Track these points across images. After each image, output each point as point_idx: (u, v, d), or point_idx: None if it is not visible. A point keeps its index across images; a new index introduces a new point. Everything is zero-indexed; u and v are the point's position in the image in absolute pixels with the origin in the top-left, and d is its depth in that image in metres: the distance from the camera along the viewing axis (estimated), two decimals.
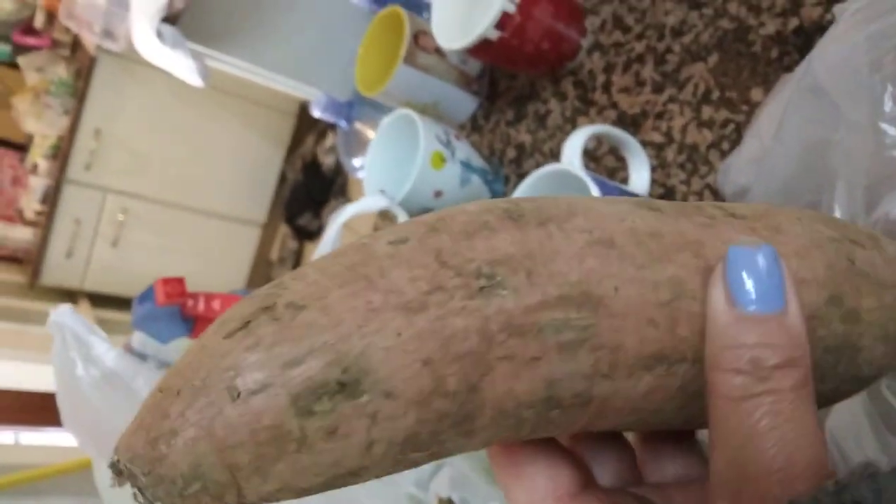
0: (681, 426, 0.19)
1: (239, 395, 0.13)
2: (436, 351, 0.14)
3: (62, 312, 0.29)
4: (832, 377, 0.19)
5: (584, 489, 0.19)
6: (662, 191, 0.48)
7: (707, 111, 0.46)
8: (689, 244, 0.17)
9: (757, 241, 0.17)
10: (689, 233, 0.18)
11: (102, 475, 0.62)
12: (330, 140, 2.17)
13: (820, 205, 0.30)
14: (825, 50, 0.27)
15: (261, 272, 2.51)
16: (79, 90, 1.97)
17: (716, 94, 0.46)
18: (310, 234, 2.32)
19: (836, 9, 0.30)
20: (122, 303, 2.20)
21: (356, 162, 0.86)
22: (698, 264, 0.17)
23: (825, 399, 0.20)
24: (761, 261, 0.16)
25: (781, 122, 0.32)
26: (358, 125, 0.85)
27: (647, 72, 0.51)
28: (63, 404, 0.30)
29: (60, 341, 0.30)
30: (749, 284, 0.16)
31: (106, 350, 0.30)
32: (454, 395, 0.15)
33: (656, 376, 0.17)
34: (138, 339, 0.48)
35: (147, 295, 0.40)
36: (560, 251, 0.16)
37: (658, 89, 0.50)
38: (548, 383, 0.16)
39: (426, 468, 0.45)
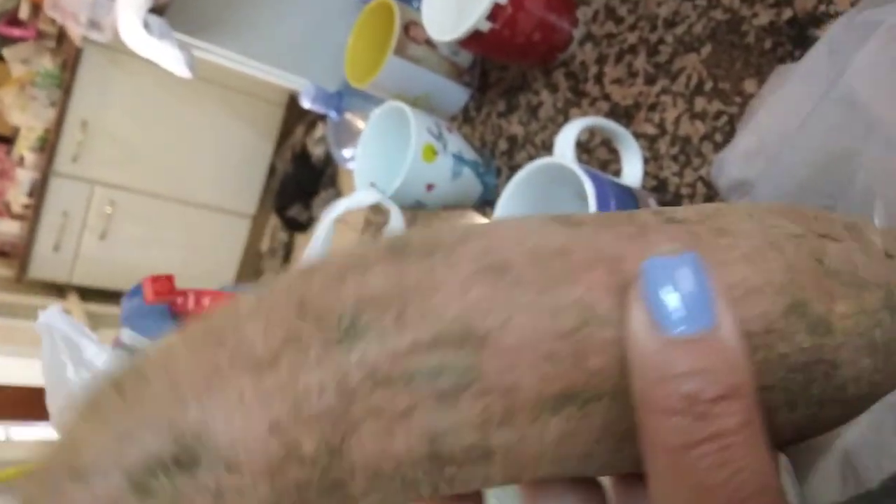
0: (633, 468, 0.16)
1: (79, 475, 0.13)
2: (285, 412, 0.13)
3: (51, 314, 0.29)
4: (805, 402, 0.16)
5: None
6: (655, 183, 0.48)
7: (700, 103, 0.46)
8: (603, 260, 0.15)
9: (675, 249, 0.14)
10: (608, 247, 0.15)
11: None
12: (319, 131, 2.16)
13: (834, 210, 0.30)
14: (865, 64, 0.27)
15: (251, 264, 2.50)
16: (65, 81, 1.95)
17: (709, 86, 0.46)
18: (300, 226, 2.32)
19: (859, 18, 0.30)
20: (111, 296, 2.19)
21: (346, 153, 0.86)
22: (612, 282, 0.14)
23: (800, 430, 0.17)
24: (682, 272, 0.13)
25: (801, 127, 0.31)
26: (348, 115, 0.85)
27: (640, 63, 0.50)
28: (53, 406, 0.30)
29: (50, 343, 0.29)
30: (670, 302, 0.13)
31: (97, 353, 0.29)
32: (313, 462, 0.13)
33: (567, 419, 0.14)
34: (128, 333, 0.47)
35: (136, 292, 0.40)
36: (441, 284, 0.14)
37: (651, 81, 0.50)
38: (429, 438, 0.14)
39: None
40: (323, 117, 2.06)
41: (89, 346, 0.29)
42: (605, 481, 0.18)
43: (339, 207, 0.45)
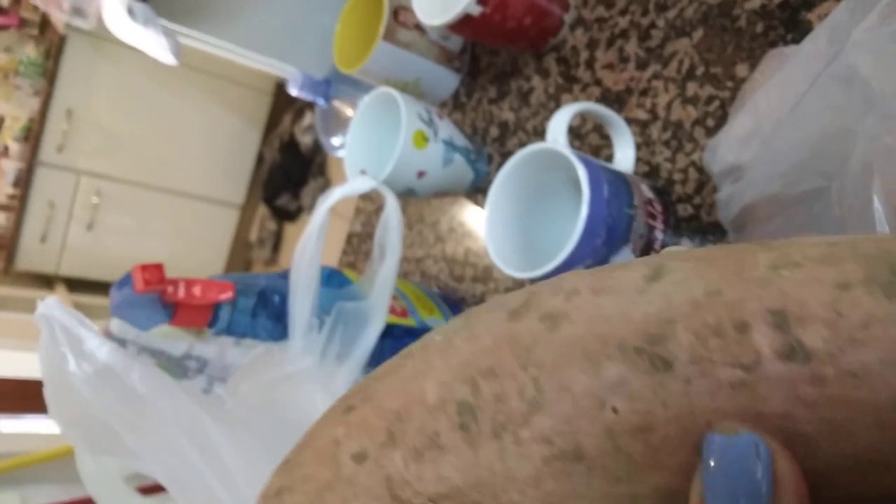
0: None
1: None
2: None
3: (50, 305, 0.28)
4: None
5: None
6: (647, 168, 0.48)
7: (692, 87, 0.46)
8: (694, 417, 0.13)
9: (733, 427, 0.13)
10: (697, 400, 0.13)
11: (85, 463, 0.61)
12: (308, 119, 2.14)
13: (828, 190, 0.29)
14: (864, 39, 0.27)
15: (239, 254, 2.49)
16: (49, 70, 1.93)
17: (700, 70, 0.45)
18: (289, 215, 2.31)
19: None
20: (98, 287, 2.17)
21: (335, 141, 0.85)
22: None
23: None
24: (735, 453, 0.12)
25: (797, 107, 0.31)
26: (336, 103, 0.84)
27: (632, 48, 0.50)
28: (51, 399, 0.30)
29: (49, 335, 0.29)
30: (721, 483, 0.12)
31: (99, 345, 0.29)
32: None
33: None
34: (117, 324, 0.47)
35: (125, 281, 0.39)
36: (515, 475, 0.14)
37: (642, 65, 0.49)
38: None
39: None
40: (311, 105, 2.05)
41: (90, 338, 0.29)
42: None
43: (335, 195, 0.45)
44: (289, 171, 2.21)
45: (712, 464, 0.12)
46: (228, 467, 0.31)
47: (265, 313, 0.47)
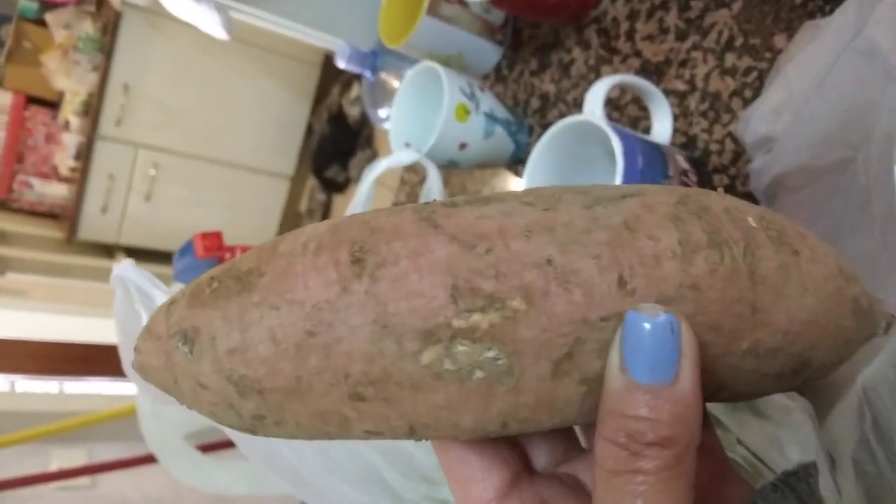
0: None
1: None
2: None
3: (125, 266, 0.31)
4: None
5: (511, 488, 0.19)
6: (685, 139, 0.48)
7: (730, 58, 0.46)
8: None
9: (656, 308, 0.16)
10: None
11: (147, 422, 0.65)
12: (355, 91, 2.16)
13: (854, 161, 0.30)
14: (885, 15, 0.27)
15: (290, 224, 2.54)
16: (106, 46, 1.99)
17: (739, 41, 0.46)
18: (337, 186, 2.34)
19: None
20: (157, 256, 2.26)
21: (381, 112, 0.87)
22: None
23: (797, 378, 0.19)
24: (655, 330, 0.16)
25: (825, 79, 0.32)
26: (383, 75, 0.86)
27: (671, 19, 0.51)
28: (126, 354, 0.32)
29: (123, 294, 0.31)
30: (640, 355, 0.16)
31: None
32: None
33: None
34: (176, 290, 0.50)
35: (187, 249, 0.42)
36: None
37: (682, 37, 0.50)
38: None
39: None
40: (358, 77, 2.07)
41: (161, 297, 0.31)
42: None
43: (380, 167, 0.47)
44: (337, 142, 2.24)
45: (634, 337, 0.16)
46: None
47: None
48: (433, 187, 0.49)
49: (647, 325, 0.16)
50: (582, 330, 0.16)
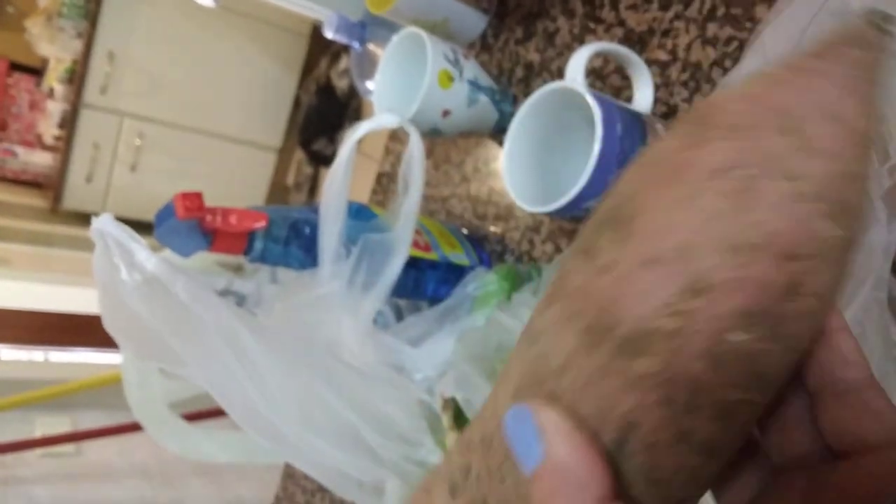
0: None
1: None
2: None
3: (104, 220, 0.32)
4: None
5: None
6: (665, 109, 0.49)
7: (712, 28, 0.47)
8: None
9: (510, 404, 0.17)
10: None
11: (132, 390, 0.65)
12: (343, 63, 2.15)
13: None
14: None
15: (277, 198, 2.54)
16: (91, 12, 1.96)
17: (721, 11, 0.46)
18: (325, 159, 2.33)
19: None
20: (143, 226, 2.24)
21: (369, 84, 0.87)
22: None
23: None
24: (508, 426, 0.17)
25: (799, 43, 0.32)
26: (371, 46, 0.85)
27: None
28: (105, 306, 0.33)
29: (102, 247, 0.32)
30: (516, 448, 0.17)
31: (147, 256, 0.32)
32: None
33: None
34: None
35: (167, 210, 0.42)
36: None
37: (665, 6, 0.50)
38: None
39: (434, 374, 0.48)
40: (347, 49, 2.05)
41: (139, 250, 0.32)
42: None
43: (361, 129, 0.47)
44: (325, 115, 2.23)
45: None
46: (262, 373, 0.34)
47: (297, 243, 0.50)
48: (415, 153, 0.49)
49: (505, 425, 0.17)
50: None
